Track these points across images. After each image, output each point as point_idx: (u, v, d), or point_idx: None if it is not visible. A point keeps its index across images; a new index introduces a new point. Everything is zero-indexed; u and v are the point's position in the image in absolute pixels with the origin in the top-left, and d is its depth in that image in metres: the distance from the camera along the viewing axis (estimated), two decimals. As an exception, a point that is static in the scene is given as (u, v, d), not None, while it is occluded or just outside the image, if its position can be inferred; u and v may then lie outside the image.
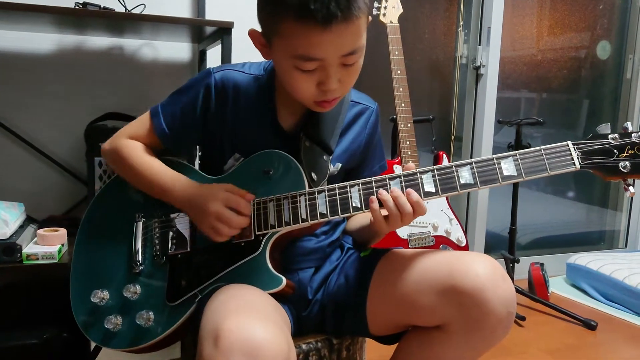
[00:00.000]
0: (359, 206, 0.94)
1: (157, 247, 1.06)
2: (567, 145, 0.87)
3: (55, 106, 1.81)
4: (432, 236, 2.02)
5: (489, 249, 2.66)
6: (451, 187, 0.90)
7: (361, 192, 0.95)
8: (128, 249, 1.07)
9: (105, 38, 1.84)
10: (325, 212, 0.96)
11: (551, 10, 2.75)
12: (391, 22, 2.01)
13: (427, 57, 2.55)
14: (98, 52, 1.84)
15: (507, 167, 0.88)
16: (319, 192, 0.98)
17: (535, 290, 2.40)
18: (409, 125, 1.99)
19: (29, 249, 1.36)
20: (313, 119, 1.08)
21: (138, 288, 1.03)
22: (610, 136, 0.88)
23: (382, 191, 0.93)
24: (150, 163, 1.08)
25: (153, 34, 1.79)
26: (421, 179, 0.92)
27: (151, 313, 1.00)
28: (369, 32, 0.94)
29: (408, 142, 1.98)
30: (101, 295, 1.04)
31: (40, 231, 1.41)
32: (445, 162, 2.11)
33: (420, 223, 2.03)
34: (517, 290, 2.32)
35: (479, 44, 2.47)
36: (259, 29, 0.98)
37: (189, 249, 1.02)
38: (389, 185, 0.94)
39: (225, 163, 1.09)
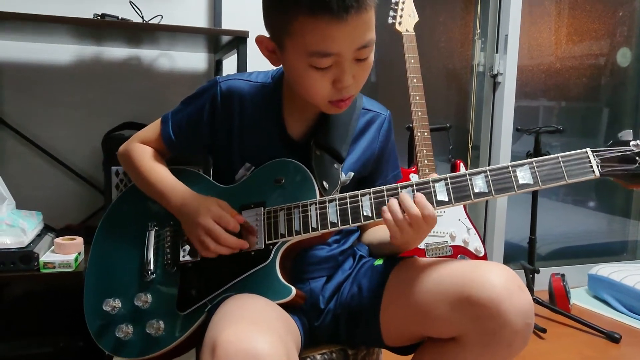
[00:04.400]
0: (370, 215, 0.93)
1: (169, 255, 1.06)
2: (586, 152, 0.85)
3: (73, 116, 1.84)
4: (450, 246, 1.99)
5: (508, 260, 2.62)
6: (465, 196, 0.88)
7: (372, 200, 0.94)
8: (140, 257, 1.08)
9: (123, 49, 1.87)
10: (335, 221, 0.95)
11: (569, 17, 2.72)
12: (407, 30, 2.00)
13: (444, 65, 2.53)
14: (116, 63, 1.87)
15: (523, 175, 0.86)
16: (330, 201, 0.96)
17: (556, 301, 2.35)
18: (426, 133, 1.97)
19: (46, 257, 1.37)
20: (323, 126, 1.07)
21: (149, 297, 1.03)
22: (632, 143, 0.85)
23: (392, 199, 0.91)
24: (154, 168, 1.09)
25: (170, 44, 1.81)
26: (434, 187, 0.90)
27: (161, 322, 1.00)
28: (386, 41, 0.93)
29: (425, 151, 1.96)
30: (113, 304, 1.04)
31: (58, 240, 1.42)
32: (462, 170, 2.09)
33: (437, 233, 2.00)
34: (537, 302, 2.27)
35: (496, 52, 2.44)
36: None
37: (199, 258, 1.02)
38: (401, 193, 0.92)
39: (236, 172, 1.09)
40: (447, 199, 0.89)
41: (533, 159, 0.86)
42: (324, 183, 1.02)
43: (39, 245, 1.39)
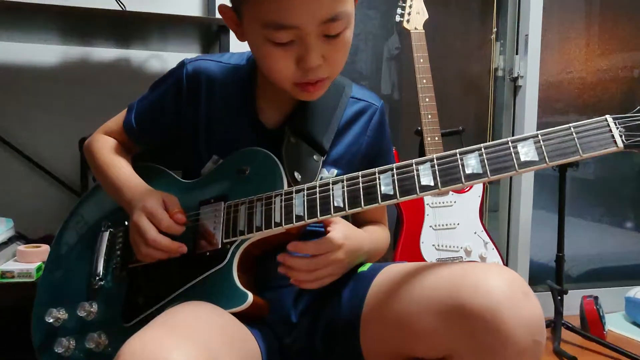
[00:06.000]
0: (342, 206, 0.77)
1: (119, 259, 0.92)
2: (606, 120, 0.67)
3: (58, 121, 1.76)
4: (465, 262, 1.80)
5: (534, 281, 2.39)
6: (454, 179, 0.71)
7: (345, 189, 0.78)
8: (91, 262, 0.94)
9: (111, 49, 1.77)
10: (302, 214, 0.79)
11: (600, 28, 2.53)
12: (416, 28, 1.87)
13: (461, 68, 2.37)
14: (104, 65, 1.78)
15: (526, 150, 0.69)
16: (297, 191, 0.81)
17: (589, 326, 2.10)
18: (436, 138, 1.81)
19: (5, 265, 1.25)
20: (301, 114, 0.93)
21: (94, 306, 0.89)
22: (665, 108, 0.68)
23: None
24: (113, 161, 0.97)
25: (160, 43, 1.71)
26: (417, 170, 0.74)
27: (103, 335, 0.86)
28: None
29: (435, 157, 1.80)
30: (57, 315, 0.91)
31: (21, 247, 1.30)
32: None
33: (451, 247, 1.82)
34: (567, 327, 2.04)
35: (516, 54, 2.26)
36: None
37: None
38: (379, 179, 0.76)
39: (203, 166, 0.95)
40: (432, 183, 0.72)
41: (539, 132, 0.69)
42: (295, 174, 0.87)
43: (0, 253, 1.27)
